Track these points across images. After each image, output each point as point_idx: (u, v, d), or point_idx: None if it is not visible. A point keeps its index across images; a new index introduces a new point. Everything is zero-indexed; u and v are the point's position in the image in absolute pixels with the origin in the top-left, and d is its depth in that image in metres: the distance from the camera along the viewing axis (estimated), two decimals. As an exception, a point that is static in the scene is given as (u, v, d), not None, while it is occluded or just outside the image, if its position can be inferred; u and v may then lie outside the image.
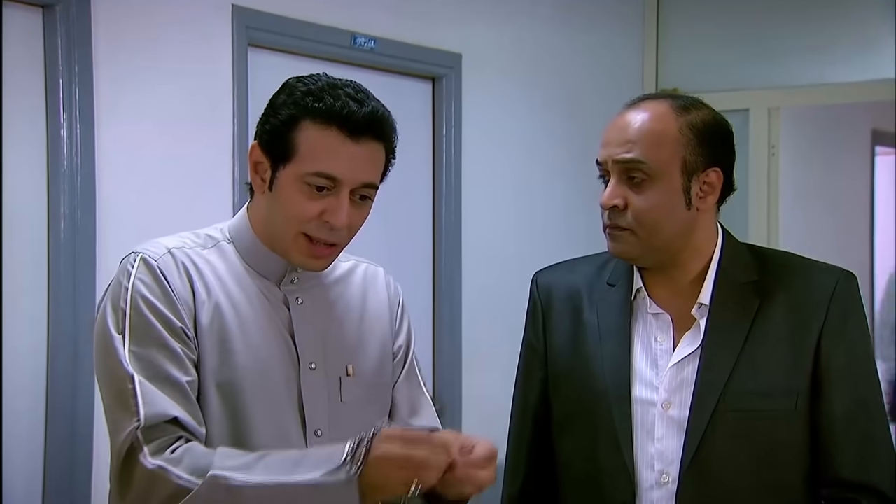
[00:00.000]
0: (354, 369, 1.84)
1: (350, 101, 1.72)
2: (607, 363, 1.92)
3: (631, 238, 1.88)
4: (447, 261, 4.05)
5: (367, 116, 1.73)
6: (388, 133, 1.78)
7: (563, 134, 4.52)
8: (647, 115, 1.89)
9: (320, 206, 1.73)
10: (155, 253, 1.74)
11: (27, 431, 2.86)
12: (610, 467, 1.89)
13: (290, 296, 1.81)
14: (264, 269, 1.80)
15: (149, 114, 3.08)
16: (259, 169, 1.77)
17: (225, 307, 1.75)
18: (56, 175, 2.88)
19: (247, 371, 1.73)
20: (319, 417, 1.78)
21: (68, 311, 2.88)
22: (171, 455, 1.61)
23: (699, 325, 1.90)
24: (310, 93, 1.73)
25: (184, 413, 1.65)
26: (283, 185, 1.73)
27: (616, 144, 1.88)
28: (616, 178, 1.88)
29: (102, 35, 2.96)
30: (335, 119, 1.71)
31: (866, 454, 1.87)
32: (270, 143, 1.74)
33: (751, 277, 1.92)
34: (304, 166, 1.71)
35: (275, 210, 1.75)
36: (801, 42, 4.69)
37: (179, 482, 1.59)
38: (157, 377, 1.66)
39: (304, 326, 1.80)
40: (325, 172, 1.71)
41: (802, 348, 1.87)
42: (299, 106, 1.72)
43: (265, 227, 1.79)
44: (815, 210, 5.61)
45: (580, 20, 4.64)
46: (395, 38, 3.80)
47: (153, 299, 1.69)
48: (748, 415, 1.85)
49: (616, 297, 1.96)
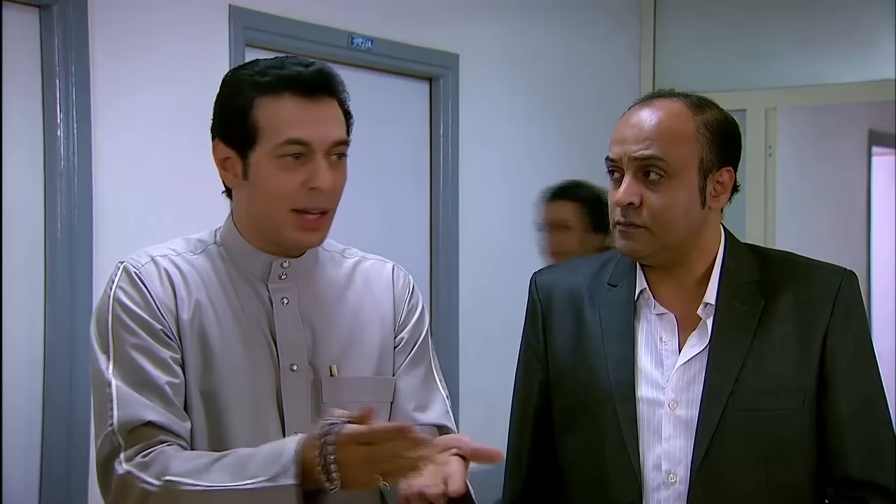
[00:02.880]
0: (339, 369, 1.82)
1: (294, 66, 1.73)
2: (611, 363, 1.90)
3: (646, 236, 1.87)
4: (444, 260, 4.05)
5: (315, 75, 1.73)
6: (339, 88, 1.77)
7: (559, 134, 4.52)
8: (663, 112, 1.87)
9: (301, 176, 1.71)
10: (137, 262, 1.75)
11: (24, 431, 2.86)
12: (615, 468, 1.88)
13: (276, 295, 1.79)
14: (249, 268, 1.79)
15: (146, 114, 3.08)
16: (228, 165, 1.76)
17: (207, 312, 1.74)
18: (53, 175, 2.88)
19: (226, 376, 1.72)
20: (300, 420, 1.76)
21: (65, 312, 2.88)
22: (141, 460, 1.62)
23: (706, 324, 1.89)
24: (256, 73, 1.73)
25: (160, 415, 1.65)
26: (258, 168, 1.72)
27: (633, 141, 1.86)
28: (631, 175, 1.86)
29: (99, 35, 2.95)
30: (286, 85, 1.71)
31: (873, 452, 1.87)
32: (232, 134, 1.73)
33: (754, 277, 1.92)
34: (272, 140, 1.70)
35: (256, 197, 1.74)
36: (797, 42, 4.70)
37: (143, 486, 1.60)
38: (136, 381, 1.66)
39: (287, 328, 1.78)
40: (294, 138, 1.70)
41: (809, 347, 1.87)
42: (251, 87, 1.72)
43: (249, 222, 1.78)
44: (811, 210, 5.61)
45: (577, 20, 4.64)
46: (393, 39, 3.80)
47: (132, 305, 1.70)
48: (756, 413, 1.85)
49: (618, 298, 1.95)
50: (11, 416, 2.77)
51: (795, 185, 5.30)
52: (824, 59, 4.66)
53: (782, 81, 4.71)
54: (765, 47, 4.74)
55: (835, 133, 6.02)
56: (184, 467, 1.61)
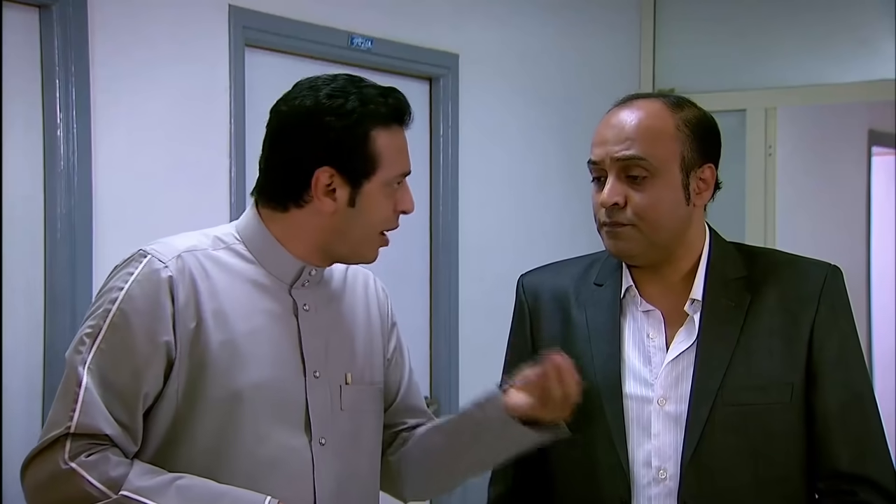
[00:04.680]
0: (352, 377, 1.84)
1: (392, 96, 1.78)
2: (598, 361, 1.92)
3: (633, 233, 1.88)
4: (444, 260, 4.05)
5: (406, 106, 1.79)
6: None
7: (560, 134, 4.52)
8: (642, 112, 1.90)
9: (394, 201, 1.79)
10: (164, 256, 1.72)
11: (24, 430, 2.86)
12: (605, 466, 1.90)
13: (299, 301, 1.80)
14: (277, 271, 1.79)
15: (145, 114, 3.08)
16: (330, 191, 1.75)
17: (233, 315, 1.73)
18: (53, 175, 2.88)
19: (254, 380, 1.72)
20: (324, 426, 1.78)
21: (65, 311, 2.88)
22: (85, 459, 1.62)
23: (693, 320, 1.91)
24: (370, 100, 1.74)
25: (118, 430, 1.65)
26: (371, 197, 1.76)
27: (614, 142, 1.88)
28: (615, 176, 1.88)
29: (99, 35, 2.95)
30: (397, 117, 1.77)
31: (863, 446, 1.89)
32: (349, 164, 1.73)
33: (740, 273, 1.94)
34: (389, 172, 1.76)
35: (357, 222, 1.77)
36: (797, 42, 4.69)
37: (88, 489, 1.60)
38: (108, 386, 1.66)
39: (311, 334, 1.80)
40: (407, 171, 1.79)
41: (795, 341, 1.89)
42: (369, 117, 1.73)
43: (333, 241, 1.78)
44: (811, 210, 5.61)
45: (577, 20, 4.65)
46: (392, 39, 3.80)
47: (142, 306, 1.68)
48: (745, 408, 1.86)
49: (604, 297, 1.97)
50: (11, 415, 2.77)
51: (795, 184, 5.30)
52: (824, 59, 4.65)
53: (782, 81, 4.71)
54: (765, 47, 4.74)
55: (835, 133, 6.02)
56: (142, 483, 1.60)
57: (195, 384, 1.70)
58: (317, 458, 1.76)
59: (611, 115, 1.92)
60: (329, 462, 1.78)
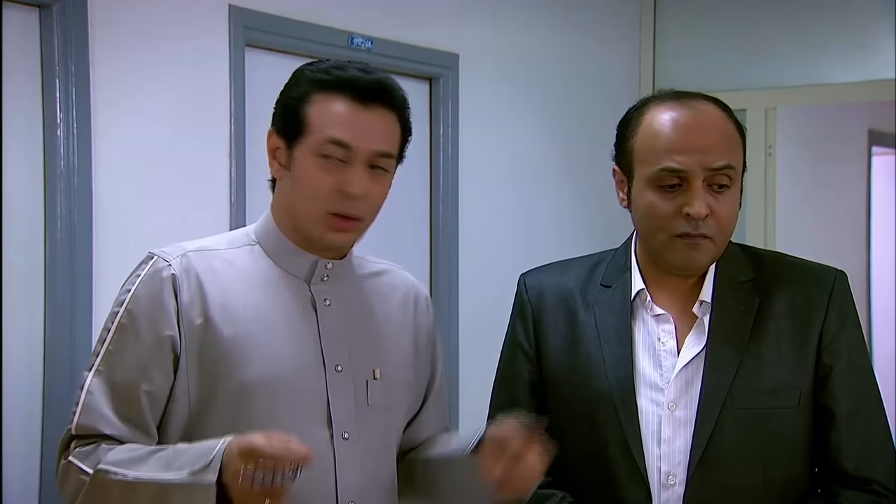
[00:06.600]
0: (381, 373, 1.83)
1: (356, 71, 1.76)
2: (609, 364, 1.89)
3: (710, 246, 1.85)
4: (444, 260, 4.05)
5: (374, 83, 1.75)
6: (399, 102, 1.78)
7: (560, 134, 4.52)
8: (716, 117, 1.85)
9: (335, 178, 1.72)
10: (168, 256, 1.74)
11: (24, 431, 2.85)
12: (622, 471, 1.87)
13: (319, 296, 1.80)
14: (293, 267, 1.79)
15: (146, 114, 3.08)
16: (277, 155, 1.78)
17: (244, 311, 1.74)
18: (52, 175, 2.88)
19: (265, 374, 1.72)
20: (347, 420, 1.78)
21: (65, 312, 2.88)
22: (82, 449, 1.66)
23: (703, 322, 1.89)
24: (318, 70, 1.76)
25: (122, 429, 1.68)
26: (300, 161, 1.74)
27: (704, 151, 1.81)
28: (703, 185, 1.82)
29: (99, 35, 2.95)
30: (342, 87, 1.73)
31: (869, 449, 1.88)
32: (284, 124, 1.76)
33: (748, 276, 1.93)
34: (316, 135, 1.72)
35: (294, 190, 1.76)
36: (797, 42, 4.69)
37: (80, 475, 1.65)
38: (115, 384, 1.68)
39: (331, 328, 1.79)
40: (336, 138, 1.71)
41: (804, 345, 1.88)
42: (309, 82, 1.75)
43: (288, 216, 1.79)
44: (811, 210, 5.61)
45: (577, 20, 4.64)
46: (392, 39, 3.80)
47: (147, 306, 1.70)
48: (754, 412, 1.85)
49: (614, 298, 1.94)
50: (11, 416, 2.77)
51: (795, 184, 5.30)
52: (824, 59, 4.65)
53: (782, 81, 4.71)
54: (765, 47, 4.73)
55: (835, 133, 6.01)
56: (117, 457, 1.63)
57: (207, 381, 1.71)
58: (339, 452, 1.76)
59: (683, 119, 1.83)
60: (353, 456, 1.77)
